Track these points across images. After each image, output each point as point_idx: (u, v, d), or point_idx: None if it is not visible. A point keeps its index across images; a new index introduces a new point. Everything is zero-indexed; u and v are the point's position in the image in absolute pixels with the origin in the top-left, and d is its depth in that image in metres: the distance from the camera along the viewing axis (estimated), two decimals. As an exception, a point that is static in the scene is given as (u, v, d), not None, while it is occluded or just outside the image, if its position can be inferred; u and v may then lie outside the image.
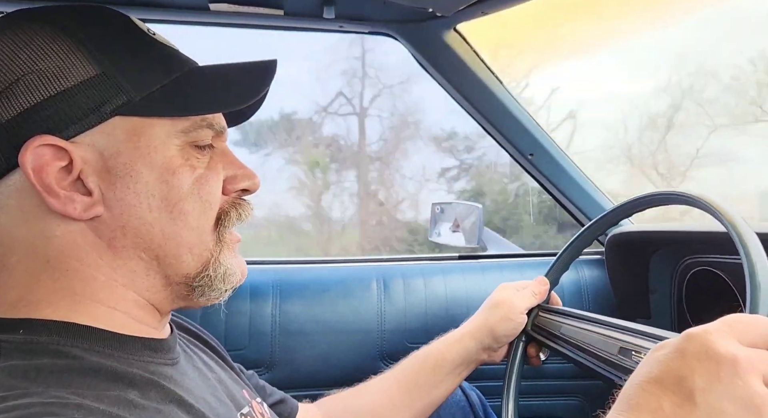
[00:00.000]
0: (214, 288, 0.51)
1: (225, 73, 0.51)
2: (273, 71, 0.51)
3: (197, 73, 0.50)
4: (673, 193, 0.74)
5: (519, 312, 0.83)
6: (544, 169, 1.16)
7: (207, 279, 0.50)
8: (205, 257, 0.50)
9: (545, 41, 3.19)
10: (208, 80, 0.50)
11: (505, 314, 0.82)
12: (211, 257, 0.50)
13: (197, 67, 0.51)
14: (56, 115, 0.44)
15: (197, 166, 0.49)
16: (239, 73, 0.51)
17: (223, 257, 0.51)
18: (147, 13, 0.86)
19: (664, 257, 1.05)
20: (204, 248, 0.50)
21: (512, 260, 1.23)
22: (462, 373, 0.83)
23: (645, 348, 0.68)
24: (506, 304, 0.83)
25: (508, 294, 0.85)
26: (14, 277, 0.45)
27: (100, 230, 0.46)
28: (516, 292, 0.85)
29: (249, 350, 1.03)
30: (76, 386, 0.39)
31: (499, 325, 0.82)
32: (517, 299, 0.84)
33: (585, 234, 0.89)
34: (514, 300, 0.84)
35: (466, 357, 0.82)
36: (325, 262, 1.20)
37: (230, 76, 0.51)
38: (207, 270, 0.50)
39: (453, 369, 0.81)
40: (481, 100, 1.09)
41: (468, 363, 0.83)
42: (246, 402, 0.59)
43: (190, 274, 0.49)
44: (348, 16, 0.93)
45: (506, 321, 0.82)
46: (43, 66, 0.44)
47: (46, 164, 0.43)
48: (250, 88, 0.49)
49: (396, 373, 0.81)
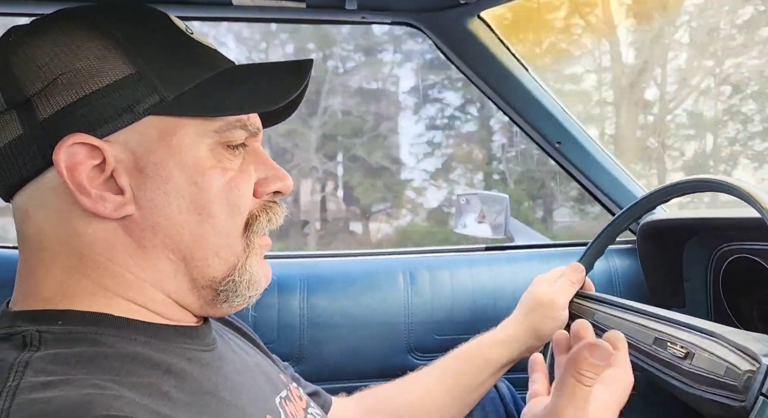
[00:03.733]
0: (238, 294, 0.50)
1: (260, 74, 0.50)
2: (308, 71, 0.50)
3: (232, 73, 0.50)
4: (707, 179, 0.72)
5: (561, 308, 0.82)
6: (572, 157, 1.14)
7: (232, 284, 0.50)
8: (232, 262, 0.50)
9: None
10: (243, 80, 0.49)
11: (548, 313, 0.81)
12: (237, 262, 0.50)
13: (232, 67, 0.51)
14: (91, 113, 0.44)
15: (228, 168, 0.48)
16: (274, 73, 0.50)
17: (250, 264, 0.51)
18: (170, 9, 0.86)
19: (699, 244, 1.02)
20: (231, 253, 0.49)
21: (540, 250, 1.21)
22: (503, 372, 0.82)
23: (681, 339, 0.67)
24: (547, 302, 0.81)
25: (547, 290, 0.83)
26: (51, 271, 0.46)
27: (131, 229, 0.46)
28: (553, 285, 0.84)
29: (278, 343, 1.03)
30: (115, 371, 0.40)
31: (543, 325, 0.81)
32: (557, 294, 0.82)
33: (618, 221, 0.87)
34: (555, 297, 0.82)
35: (509, 359, 0.81)
36: (351, 255, 1.20)
37: (265, 76, 0.50)
38: (232, 275, 0.50)
39: (496, 371, 0.81)
40: (507, 88, 1.07)
41: (510, 363, 0.82)
42: (284, 385, 0.59)
43: (217, 278, 0.49)
44: (370, 7, 0.92)
45: (550, 320, 0.81)
46: (79, 65, 0.44)
47: (79, 163, 0.44)
48: (284, 89, 0.49)
49: (437, 372, 0.81)
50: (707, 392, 0.61)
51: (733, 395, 0.58)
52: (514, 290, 1.08)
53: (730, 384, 0.58)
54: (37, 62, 0.44)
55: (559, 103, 1.10)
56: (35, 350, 0.40)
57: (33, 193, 0.46)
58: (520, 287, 0.97)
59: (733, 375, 0.58)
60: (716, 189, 0.71)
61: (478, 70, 1.05)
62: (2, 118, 0.44)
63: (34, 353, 0.39)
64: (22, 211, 0.46)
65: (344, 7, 0.87)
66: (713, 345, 0.62)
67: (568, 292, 0.83)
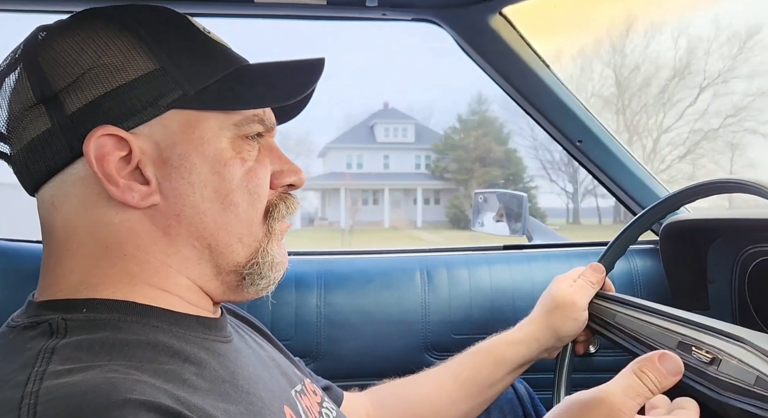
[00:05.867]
0: (263, 276, 0.52)
1: (275, 71, 0.53)
2: (320, 69, 0.53)
3: (248, 70, 0.52)
4: (733, 180, 0.71)
5: (581, 309, 0.81)
6: (594, 156, 1.12)
7: (256, 267, 0.52)
8: (255, 247, 0.52)
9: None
10: (258, 77, 0.51)
11: (568, 314, 0.80)
12: (260, 247, 0.52)
13: (249, 64, 0.53)
14: (118, 107, 0.46)
15: (247, 158, 0.51)
16: (288, 70, 0.53)
17: (271, 247, 0.53)
18: (193, 7, 0.87)
19: (724, 246, 1.00)
20: (253, 239, 0.52)
21: (559, 249, 1.19)
22: (519, 372, 0.81)
23: (706, 344, 0.65)
24: (567, 303, 0.80)
25: (567, 290, 0.82)
26: (76, 261, 0.47)
27: (156, 218, 0.48)
28: (573, 285, 0.82)
29: (295, 340, 1.04)
30: (137, 359, 0.41)
31: (563, 326, 0.80)
32: (577, 294, 0.81)
33: (639, 221, 0.85)
34: (575, 298, 0.81)
35: (527, 358, 0.80)
36: (368, 252, 1.20)
37: (279, 73, 0.53)
38: (255, 258, 0.52)
39: (513, 369, 0.80)
40: (527, 85, 1.06)
41: (528, 363, 0.81)
42: (299, 379, 0.61)
43: (240, 262, 0.51)
44: (391, 4, 0.91)
45: (570, 321, 0.80)
46: (107, 60, 0.46)
47: (107, 153, 0.45)
48: (298, 85, 0.51)
49: (453, 366, 0.81)
50: (735, 400, 0.60)
51: (762, 405, 0.56)
52: (533, 290, 1.07)
53: (761, 394, 0.56)
54: (65, 58, 0.46)
55: (581, 101, 1.08)
56: (61, 337, 0.41)
57: (59, 185, 0.47)
58: (539, 286, 0.96)
59: (764, 385, 0.56)
60: (742, 190, 0.69)
61: (498, 67, 1.04)
62: (31, 113, 0.46)
63: (60, 339, 0.41)
64: (47, 203, 0.48)
65: (365, 4, 0.87)
66: (741, 352, 0.60)
67: (588, 292, 0.82)
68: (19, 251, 1.05)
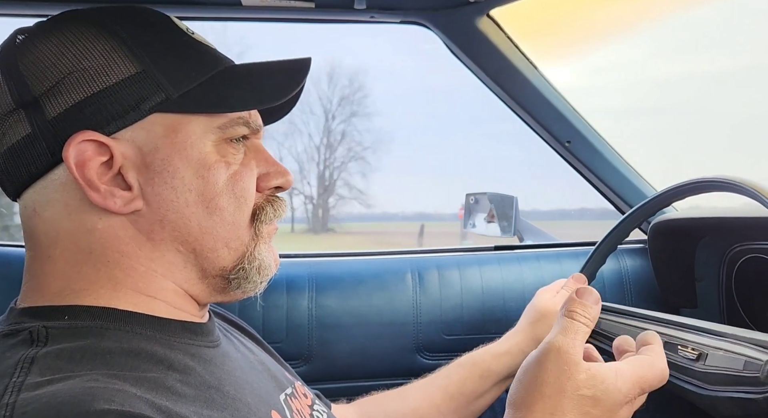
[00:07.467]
0: (250, 280, 0.51)
1: (260, 72, 0.52)
2: (307, 70, 0.52)
3: (233, 71, 0.51)
4: (718, 179, 0.72)
5: None
6: (582, 156, 1.13)
7: (242, 272, 0.51)
8: (241, 251, 0.51)
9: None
10: (244, 78, 0.50)
11: (552, 324, 0.80)
12: (246, 251, 0.51)
13: (233, 66, 0.52)
14: (99, 111, 0.45)
15: (232, 162, 0.50)
16: (274, 71, 0.52)
17: (258, 251, 0.52)
18: (181, 10, 0.87)
19: (712, 244, 1.01)
20: (240, 243, 0.51)
21: (550, 250, 1.20)
22: (507, 383, 0.81)
23: (691, 342, 0.66)
24: (551, 314, 0.81)
25: (550, 301, 0.83)
26: (58, 267, 0.46)
27: (140, 224, 0.47)
28: (556, 296, 0.84)
29: (286, 343, 1.03)
30: (119, 367, 0.40)
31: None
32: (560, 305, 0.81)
33: (622, 225, 0.87)
34: (558, 308, 0.81)
35: (513, 369, 0.80)
36: (360, 254, 1.20)
37: (265, 74, 0.51)
38: (242, 263, 0.51)
39: (500, 381, 0.80)
40: (516, 87, 1.06)
41: (513, 375, 0.81)
42: (289, 383, 0.60)
43: (227, 267, 0.50)
44: (379, 6, 0.92)
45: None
46: (86, 64, 0.45)
47: (88, 159, 0.45)
48: (284, 86, 0.50)
49: (440, 379, 0.80)
50: (723, 391, 0.61)
51: (753, 389, 0.57)
52: (524, 290, 1.07)
53: (751, 377, 0.57)
54: (44, 62, 0.45)
55: (569, 102, 1.09)
56: (42, 346, 0.40)
57: (41, 190, 0.46)
58: (530, 287, 0.97)
59: (753, 367, 0.57)
60: (728, 189, 0.70)
61: (487, 68, 1.04)
62: (11, 118, 0.45)
63: (40, 348, 0.40)
64: (29, 209, 0.47)
65: (353, 6, 0.87)
66: (727, 344, 0.61)
67: None
68: (8, 255, 1.04)
